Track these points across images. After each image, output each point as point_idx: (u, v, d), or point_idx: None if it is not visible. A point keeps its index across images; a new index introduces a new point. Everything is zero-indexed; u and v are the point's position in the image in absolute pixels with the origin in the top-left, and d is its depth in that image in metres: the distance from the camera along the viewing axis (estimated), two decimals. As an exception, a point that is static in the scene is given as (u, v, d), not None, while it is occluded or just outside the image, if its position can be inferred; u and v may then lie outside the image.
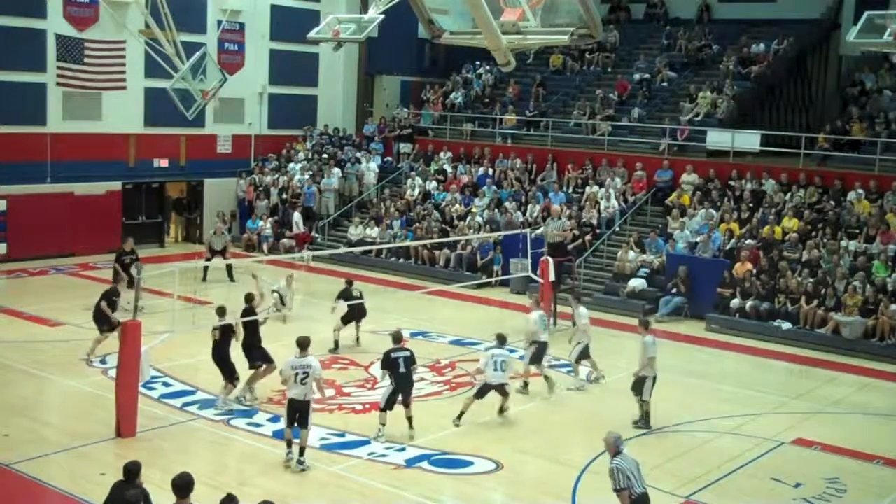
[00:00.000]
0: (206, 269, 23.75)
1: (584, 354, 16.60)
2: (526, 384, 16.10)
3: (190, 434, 13.69)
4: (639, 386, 14.55)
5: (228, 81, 26.05)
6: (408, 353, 13.72)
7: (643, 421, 14.51)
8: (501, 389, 14.46)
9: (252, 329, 15.02)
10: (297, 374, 12.34)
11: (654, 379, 14.48)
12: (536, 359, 16.05)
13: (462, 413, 14.30)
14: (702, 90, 27.89)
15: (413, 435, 13.57)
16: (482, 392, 14.41)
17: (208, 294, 21.55)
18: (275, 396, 15.28)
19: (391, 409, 13.60)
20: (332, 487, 12.00)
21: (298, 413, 12.31)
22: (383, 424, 13.51)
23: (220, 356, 14.56)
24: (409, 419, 13.70)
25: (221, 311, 14.76)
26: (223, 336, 14.55)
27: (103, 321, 16.61)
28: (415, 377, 16.50)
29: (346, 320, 18.27)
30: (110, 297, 16.70)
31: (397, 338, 13.93)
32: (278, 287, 19.33)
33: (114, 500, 8.78)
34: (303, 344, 12.67)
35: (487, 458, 12.98)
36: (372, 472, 12.51)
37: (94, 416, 13.86)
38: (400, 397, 13.63)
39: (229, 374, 14.58)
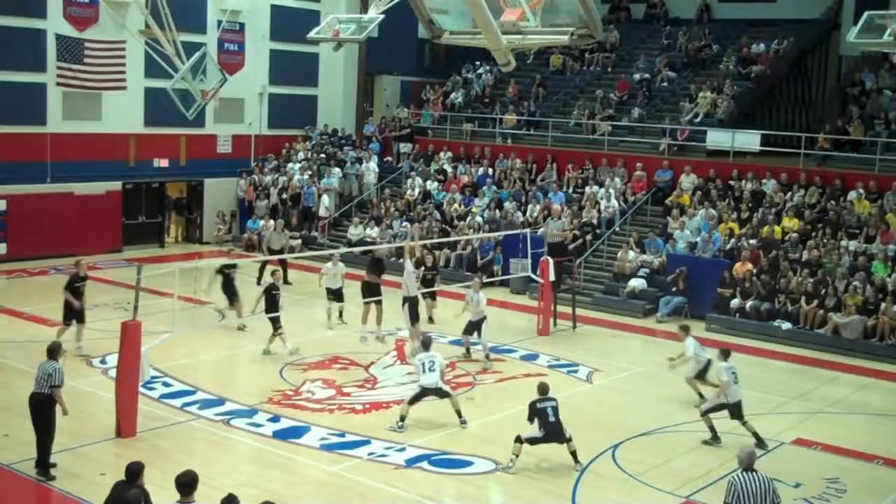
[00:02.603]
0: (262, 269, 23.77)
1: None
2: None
3: (190, 434, 13.69)
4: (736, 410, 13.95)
5: (228, 81, 26.04)
6: (555, 403, 12.76)
7: (713, 437, 14.03)
8: (439, 392, 14.18)
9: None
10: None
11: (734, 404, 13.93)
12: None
13: (403, 417, 14.01)
14: (702, 90, 27.89)
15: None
16: (417, 397, 14.17)
17: (210, 294, 21.55)
18: (275, 397, 15.30)
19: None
20: (332, 487, 11.99)
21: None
22: (516, 455, 12.70)
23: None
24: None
25: None
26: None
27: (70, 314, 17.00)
28: (415, 378, 16.60)
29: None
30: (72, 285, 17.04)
31: (544, 389, 12.98)
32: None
33: (114, 499, 8.79)
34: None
35: (487, 458, 12.97)
36: (372, 472, 12.51)
37: (94, 416, 13.86)
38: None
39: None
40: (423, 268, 20.59)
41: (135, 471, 8.87)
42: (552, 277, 20.17)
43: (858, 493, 12.52)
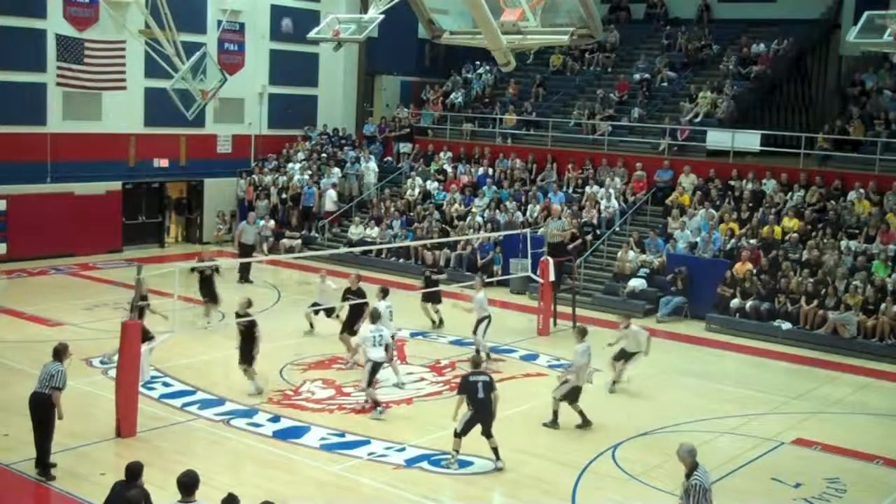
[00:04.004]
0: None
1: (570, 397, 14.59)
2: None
3: (190, 434, 13.69)
4: None
5: (228, 81, 26.06)
6: (486, 378, 12.75)
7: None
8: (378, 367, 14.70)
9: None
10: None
11: None
12: None
13: (377, 402, 14.58)
14: (702, 90, 27.89)
15: (501, 466, 12.63)
16: (372, 374, 14.54)
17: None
18: (274, 397, 15.30)
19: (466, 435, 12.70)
20: (332, 487, 12.00)
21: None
22: (457, 451, 12.69)
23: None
24: (495, 449, 12.74)
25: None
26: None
27: None
28: (415, 378, 16.62)
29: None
30: None
31: (476, 362, 13.27)
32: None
33: (114, 499, 8.79)
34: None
35: (487, 458, 12.97)
36: (372, 472, 12.51)
37: (94, 416, 13.86)
38: (480, 426, 12.67)
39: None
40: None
41: (135, 471, 8.87)
42: (552, 277, 20.17)
43: (858, 493, 12.52)
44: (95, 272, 24.50)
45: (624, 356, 16.29)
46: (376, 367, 14.60)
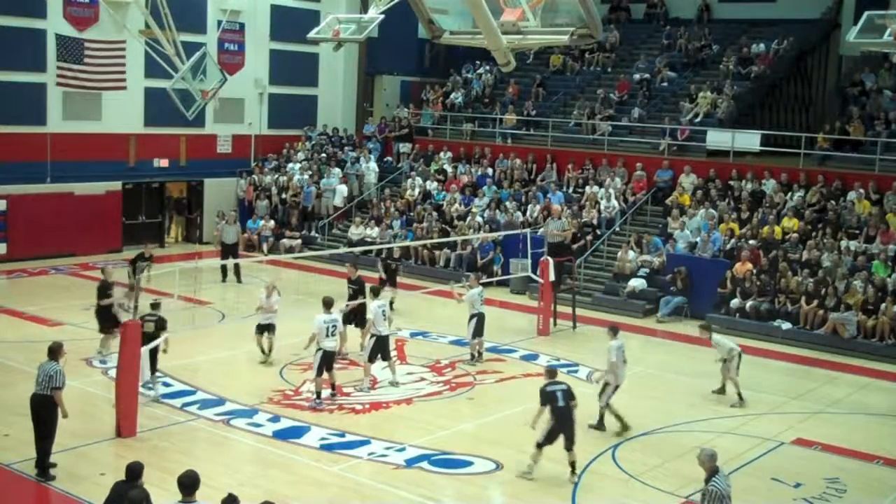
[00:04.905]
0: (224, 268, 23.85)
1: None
2: None
3: (190, 434, 13.68)
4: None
5: (228, 81, 26.05)
6: (565, 387, 12.44)
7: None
8: (333, 356, 14.94)
9: None
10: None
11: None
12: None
13: (319, 393, 14.80)
14: (702, 90, 27.89)
15: (575, 482, 12.33)
16: (323, 363, 14.71)
17: (209, 293, 21.59)
18: (274, 397, 15.30)
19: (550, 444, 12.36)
20: (332, 487, 12.00)
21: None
22: (534, 462, 12.35)
23: None
24: (572, 464, 12.40)
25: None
26: None
27: None
28: (415, 378, 16.61)
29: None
30: None
31: (552, 372, 12.89)
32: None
33: (114, 499, 8.79)
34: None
35: (487, 458, 12.98)
36: (372, 472, 12.51)
37: (94, 416, 13.87)
38: (561, 437, 12.31)
39: None
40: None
41: (135, 471, 8.87)
42: (552, 277, 20.17)
43: (858, 493, 12.52)
44: (95, 272, 24.45)
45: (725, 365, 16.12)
46: (327, 356, 14.72)
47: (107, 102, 26.89)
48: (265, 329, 17.14)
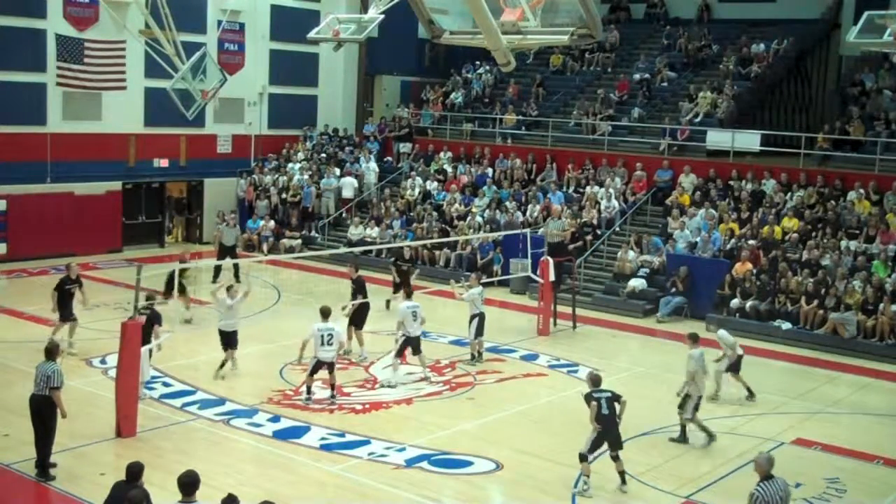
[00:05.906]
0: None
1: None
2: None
3: (190, 434, 13.68)
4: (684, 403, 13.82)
5: (228, 81, 26.05)
6: (609, 394, 12.09)
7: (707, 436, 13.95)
8: (332, 366, 14.87)
9: None
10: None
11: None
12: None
13: (309, 388, 14.93)
14: (702, 90, 27.89)
15: (625, 490, 12.07)
16: (315, 368, 14.82)
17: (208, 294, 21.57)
18: (274, 397, 15.30)
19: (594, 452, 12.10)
20: (332, 487, 12.00)
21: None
22: (587, 476, 12.03)
23: None
24: (621, 473, 12.12)
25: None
26: None
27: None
28: (415, 378, 16.59)
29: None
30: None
31: (595, 379, 12.39)
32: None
33: (114, 499, 8.78)
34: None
35: (487, 458, 12.98)
36: (372, 472, 12.51)
37: (94, 416, 13.86)
38: (606, 445, 12.06)
39: None
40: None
41: (135, 471, 8.86)
42: (552, 277, 20.18)
43: (858, 493, 12.52)
44: (95, 272, 24.48)
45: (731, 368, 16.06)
46: (320, 365, 14.85)
47: (107, 102, 26.88)
48: (229, 343, 16.03)
